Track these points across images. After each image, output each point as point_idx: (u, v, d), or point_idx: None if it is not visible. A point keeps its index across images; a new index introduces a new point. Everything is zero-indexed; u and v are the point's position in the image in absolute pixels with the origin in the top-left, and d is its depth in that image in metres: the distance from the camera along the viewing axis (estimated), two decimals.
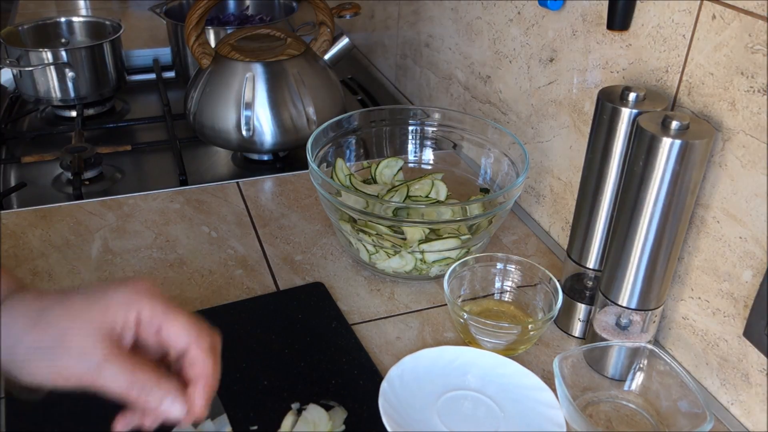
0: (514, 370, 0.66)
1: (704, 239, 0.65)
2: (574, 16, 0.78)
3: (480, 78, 1.02)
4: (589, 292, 0.72)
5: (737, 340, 0.62)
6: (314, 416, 0.60)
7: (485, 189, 0.91)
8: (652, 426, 0.63)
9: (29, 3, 1.85)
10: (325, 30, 1.12)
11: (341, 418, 0.60)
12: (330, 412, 0.60)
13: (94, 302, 0.46)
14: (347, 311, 0.76)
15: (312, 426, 0.59)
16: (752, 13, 0.56)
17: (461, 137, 0.93)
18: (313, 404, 0.61)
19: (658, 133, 0.57)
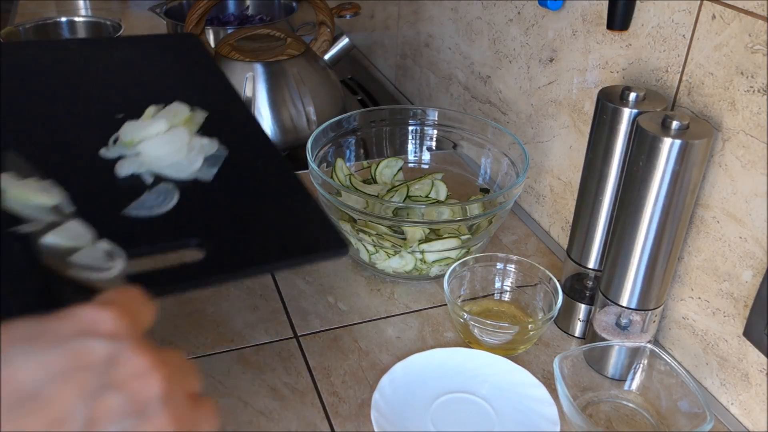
0: (506, 369, 0.66)
1: (704, 239, 0.65)
2: (574, 16, 0.78)
3: (480, 78, 1.02)
4: (589, 292, 0.72)
5: (737, 340, 0.62)
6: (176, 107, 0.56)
7: (485, 189, 0.91)
8: (652, 426, 0.63)
9: (29, 3, 1.84)
10: (325, 30, 1.12)
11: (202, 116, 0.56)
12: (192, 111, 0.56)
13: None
14: (347, 311, 0.76)
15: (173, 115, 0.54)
16: (752, 13, 0.56)
17: (461, 137, 0.93)
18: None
19: (658, 133, 0.57)
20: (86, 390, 0.28)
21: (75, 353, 0.28)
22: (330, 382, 0.67)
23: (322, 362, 0.69)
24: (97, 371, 0.29)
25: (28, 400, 0.27)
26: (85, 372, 0.28)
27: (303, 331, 0.73)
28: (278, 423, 0.63)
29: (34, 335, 0.29)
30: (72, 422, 0.28)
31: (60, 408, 0.27)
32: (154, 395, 0.30)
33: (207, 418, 0.34)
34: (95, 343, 0.29)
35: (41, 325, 0.29)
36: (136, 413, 0.29)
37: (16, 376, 0.27)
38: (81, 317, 0.30)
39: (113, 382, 0.29)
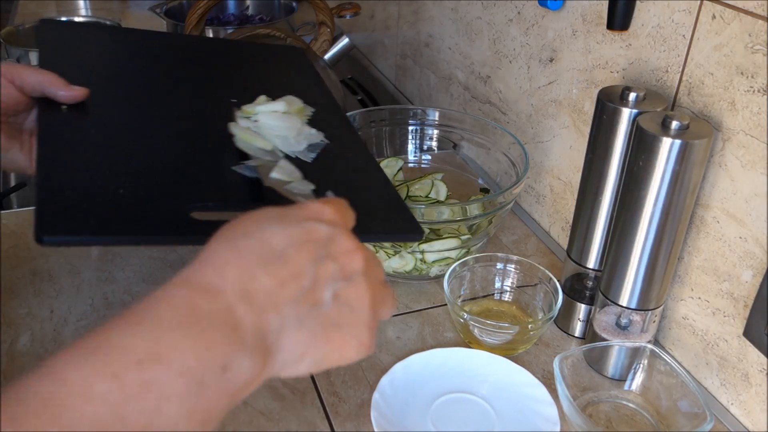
0: (505, 368, 0.66)
1: (704, 239, 0.65)
2: (574, 16, 0.78)
3: (480, 78, 1.02)
4: (589, 292, 0.72)
5: (737, 340, 0.62)
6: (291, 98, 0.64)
7: (485, 189, 0.91)
8: (652, 426, 0.63)
9: (29, 3, 1.85)
10: (325, 30, 1.12)
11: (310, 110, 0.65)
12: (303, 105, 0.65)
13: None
14: None
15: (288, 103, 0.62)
16: (752, 13, 0.56)
17: (461, 137, 0.93)
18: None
19: (658, 133, 0.57)
20: (313, 256, 0.38)
21: (307, 230, 0.39)
22: (330, 382, 0.67)
23: None
24: (321, 245, 0.39)
25: (277, 257, 0.37)
26: (313, 244, 0.39)
27: None
28: (278, 423, 0.63)
29: (281, 216, 0.40)
30: (304, 277, 0.38)
31: (297, 265, 0.38)
32: (358, 268, 0.40)
33: (391, 300, 0.43)
34: (320, 225, 0.40)
35: (285, 211, 0.40)
36: (345, 278, 0.39)
37: (270, 240, 0.38)
38: (311, 208, 0.41)
39: (331, 255, 0.39)
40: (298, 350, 0.38)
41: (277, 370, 0.38)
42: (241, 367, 0.34)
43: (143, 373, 0.30)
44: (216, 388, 0.33)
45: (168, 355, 0.31)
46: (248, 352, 0.35)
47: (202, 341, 0.33)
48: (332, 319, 0.39)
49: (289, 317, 0.37)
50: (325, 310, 0.38)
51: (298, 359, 0.38)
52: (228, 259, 0.36)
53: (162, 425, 0.31)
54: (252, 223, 0.39)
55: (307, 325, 0.38)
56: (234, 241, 0.38)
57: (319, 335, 0.38)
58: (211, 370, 0.33)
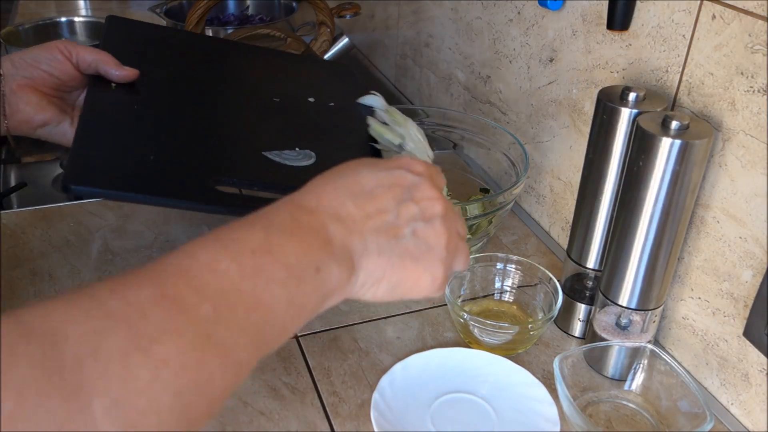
0: (505, 368, 0.66)
1: (704, 239, 0.65)
2: (574, 16, 0.78)
3: (480, 78, 1.02)
4: (589, 292, 0.72)
5: (737, 340, 0.62)
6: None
7: (485, 189, 0.91)
8: (652, 426, 0.63)
9: (29, 3, 1.84)
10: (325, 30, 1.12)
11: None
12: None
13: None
14: (347, 311, 0.76)
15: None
16: (752, 13, 0.56)
17: (461, 137, 0.93)
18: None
19: (658, 133, 0.57)
20: (398, 197, 0.45)
21: (396, 176, 0.46)
22: (330, 382, 0.67)
23: (322, 362, 0.69)
24: (406, 189, 0.46)
25: (367, 194, 0.44)
26: (399, 187, 0.45)
27: (303, 331, 0.73)
28: (278, 423, 0.63)
29: (375, 163, 0.47)
30: (388, 213, 0.44)
31: (383, 202, 0.44)
32: (437, 213, 0.46)
33: (465, 255, 0.49)
34: (408, 174, 0.46)
35: (379, 160, 0.48)
36: (425, 219, 0.45)
37: (362, 180, 0.45)
38: (403, 160, 0.48)
39: (414, 198, 0.45)
40: (376, 273, 0.43)
41: (359, 288, 0.44)
42: (332, 272, 0.41)
43: (255, 260, 0.37)
44: (311, 284, 0.40)
45: (275, 250, 0.38)
46: (337, 261, 0.41)
47: (301, 245, 0.40)
48: (410, 251, 0.44)
49: (371, 243, 0.43)
50: (404, 242, 0.44)
51: (376, 282, 0.44)
52: (325, 189, 0.44)
53: (268, 302, 0.37)
54: (350, 168, 0.46)
55: (387, 253, 0.43)
56: (331, 178, 0.45)
57: (397, 263, 0.44)
58: (307, 268, 0.39)
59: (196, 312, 0.34)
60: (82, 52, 0.65)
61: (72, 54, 0.65)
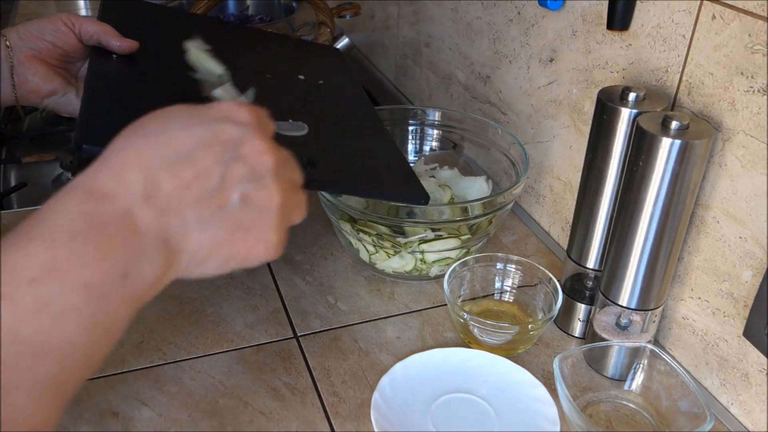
0: (505, 368, 0.66)
1: (704, 239, 0.65)
2: (574, 16, 0.78)
3: (480, 78, 1.02)
4: (589, 292, 0.72)
5: (737, 340, 0.62)
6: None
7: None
8: (652, 426, 0.63)
9: (29, 3, 1.84)
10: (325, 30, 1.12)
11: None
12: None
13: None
14: (347, 311, 0.76)
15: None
16: (752, 13, 0.56)
17: (461, 137, 0.93)
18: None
19: (658, 133, 0.57)
20: (222, 158, 0.37)
21: (216, 131, 0.38)
22: (330, 382, 0.67)
23: (322, 362, 0.69)
24: (230, 146, 0.38)
25: (184, 157, 0.36)
26: (222, 145, 0.38)
27: (303, 331, 0.73)
28: (278, 423, 0.63)
29: (189, 115, 0.39)
30: (211, 178, 0.37)
31: (204, 166, 0.37)
32: (268, 170, 0.39)
33: (300, 207, 0.43)
34: (230, 126, 0.38)
35: (194, 110, 0.39)
36: (254, 179, 0.38)
37: (175, 141, 0.37)
38: (223, 107, 0.40)
39: (240, 156, 0.38)
40: (202, 251, 0.37)
41: (182, 270, 0.38)
42: (143, 272, 0.34)
43: (37, 291, 0.30)
44: (117, 296, 0.33)
45: (63, 269, 0.31)
46: (149, 255, 0.35)
47: (99, 250, 0.32)
48: (239, 221, 0.38)
49: (191, 219, 0.36)
50: (231, 212, 0.38)
51: (203, 260, 0.38)
52: (127, 161, 0.36)
53: (62, 340, 0.30)
54: (157, 123, 0.38)
55: (212, 227, 0.37)
56: (136, 142, 0.37)
57: (225, 238, 0.38)
58: (110, 279, 0.32)
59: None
60: (85, 23, 0.67)
61: (75, 25, 0.67)
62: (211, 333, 0.72)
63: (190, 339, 0.71)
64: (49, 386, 0.30)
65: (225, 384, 0.66)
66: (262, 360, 0.69)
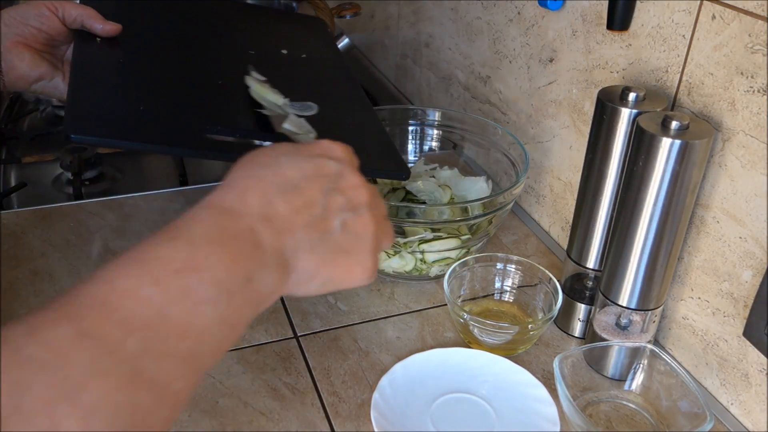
0: (506, 369, 0.66)
1: (704, 239, 0.65)
2: (574, 16, 0.78)
3: (480, 78, 1.02)
4: (589, 292, 0.72)
5: (737, 340, 0.62)
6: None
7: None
8: (652, 426, 0.63)
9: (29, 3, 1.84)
10: None
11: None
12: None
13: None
14: (347, 311, 0.76)
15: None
16: (752, 13, 0.56)
17: (461, 137, 0.93)
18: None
19: (658, 133, 0.57)
20: (324, 189, 0.43)
21: (319, 165, 0.44)
22: (330, 382, 0.67)
23: (322, 362, 0.69)
24: (331, 179, 0.44)
25: (292, 187, 0.42)
26: (323, 177, 0.43)
27: (303, 331, 0.73)
28: (278, 423, 0.63)
29: (295, 151, 0.44)
30: (316, 207, 0.42)
31: (310, 195, 0.42)
32: (363, 202, 0.44)
33: (390, 234, 0.48)
34: (330, 162, 0.44)
35: (299, 147, 0.45)
36: (352, 210, 0.44)
37: (286, 172, 0.42)
38: (322, 145, 0.46)
39: (339, 188, 0.44)
40: (309, 270, 0.42)
41: (292, 286, 0.42)
42: (263, 280, 0.39)
43: (181, 280, 0.35)
44: (242, 297, 0.37)
45: (202, 266, 0.36)
46: (268, 267, 0.39)
47: (229, 255, 0.37)
48: (340, 245, 0.43)
49: (302, 240, 0.41)
50: (334, 236, 0.43)
51: (310, 279, 0.42)
52: (248, 186, 0.41)
53: (199, 326, 0.35)
54: (269, 156, 0.43)
55: (318, 250, 0.42)
56: (253, 171, 0.42)
57: (328, 259, 0.42)
58: (237, 280, 0.37)
59: (121, 348, 0.31)
60: (68, 6, 0.68)
61: (58, 9, 0.68)
62: None
63: None
64: (191, 359, 0.34)
65: (225, 384, 0.66)
66: (262, 360, 0.69)
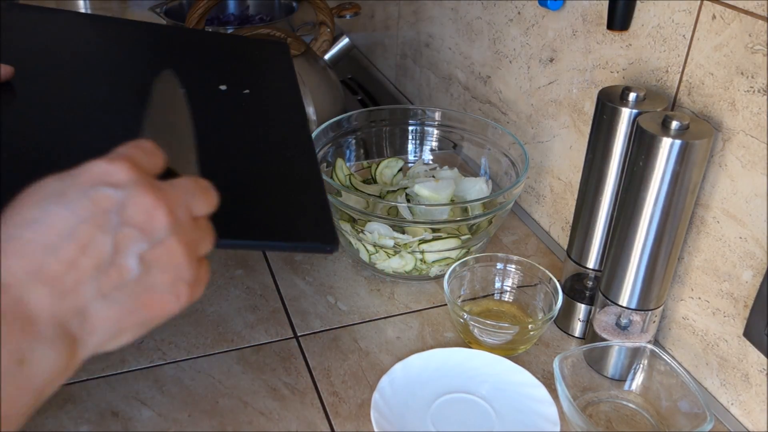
0: (506, 369, 0.66)
1: (704, 239, 0.65)
2: (574, 16, 0.78)
3: (480, 78, 1.02)
4: (589, 292, 0.72)
5: (737, 340, 0.62)
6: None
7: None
8: (652, 426, 0.63)
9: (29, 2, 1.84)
10: (325, 30, 1.12)
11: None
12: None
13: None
14: (347, 311, 0.76)
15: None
16: (752, 13, 0.56)
17: (461, 137, 0.93)
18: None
19: (658, 133, 0.57)
20: (107, 226, 0.36)
21: (93, 200, 0.36)
22: (330, 382, 0.67)
23: (322, 362, 0.69)
24: (113, 213, 0.36)
25: (65, 239, 0.35)
26: (102, 215, 0.36)
27: (303, 331, 0.73)
28: (278, 423, 0.63)
29: (62, 189, 0.36)
30: (103, 250, 0.35)
31: (88, 240, 0.35)
32: (161, 225, 0.37)
33: (207, 235, 0.41)
34: (107, 190, 0.36)
35: (66, 181, 0.36)
36: (148, 239, 0.36)
37: (54, 224, 0.35)
38: (94, 171, 0.37)
39: (126, 220, 0.36)
40: (112, 327, 0.36)
41: (94, 350, 0.37)
42: (42, 360, 0.33)
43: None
44: (13, 384, 0.32)
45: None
46: (46, 343, 0.34)
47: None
48: (143, 285, 0.37)
49: (91, 298, 0.35)
50: (134, 278, 0.36)
51: (117, 334, 0.37)
52: (11, 251, 0.34)
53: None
54: (33, 207, 0.36)
55: (117, 299, 0.36)
56: (14, 233, 0.35)
57: (133, 305, 0.37)
58: (6, 365, 0.32)
59: None
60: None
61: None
62: (211, 333, 0.72)
63: (190, 339, 0.71)
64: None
65: (225, 384, 0.66)
66: (262, 360, 0.69)
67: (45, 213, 0.35)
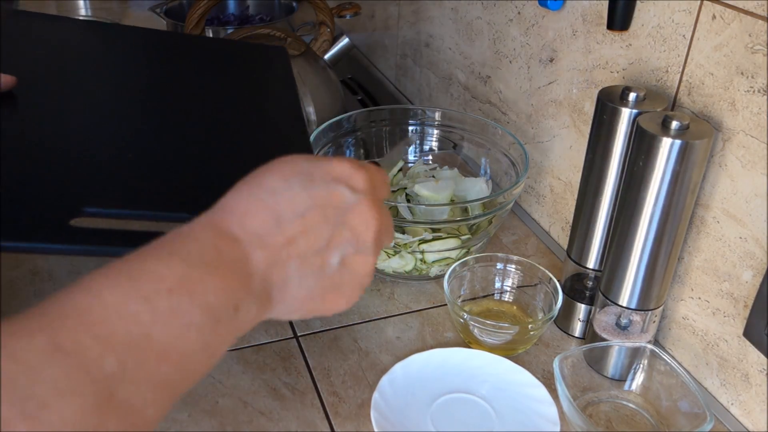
0: (506, 369, 0.66)
1: (704, 239, 0.65)
2: (574, 16, 0.78)
3: (480, 78, 1.02)
4: (589, 292, 0.72)
5: (737, 340, 0.62)
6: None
7: None
8: (652, 426, 0.63)
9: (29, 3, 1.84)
10: (325, 30, 1.12)
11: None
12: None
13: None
14: (347, 311, 0.76)
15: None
16: (752, 13, 0.56)
17: (461, 137, 0.93)
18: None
19: (658, 133, 0.57)
20: (331, 221, 0.39)
21: (331, 193, 0.40)
22: (330, 382, 0.67)
23: (322, 362, 0.69)
24: (341, 211, 0.40)
25: (296, 216, 0.38)
26: (334, 209, 0.40)
27: (303, 331, 0.73)
28: (278, 423, 0.63)
29: (309, 173, 0.40)
30: (320, 238, 0.39)
31: (313, 227, 0.39)
32: (370, 239, 0.41)
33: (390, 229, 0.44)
34: (346, 190, 0.40)
35: (315, 166, 0.40)
36: (355, 246, 0.41)
37: (293, 199, 0.39)
38: (342, 169, 0.41)
39: (348, 223, 0.40)
40: (293, 305, 0.40)
41: (272, 315, 0.40)
42: (249, 310, 0.37)
43: (172, 301, 0.33)
44: (227, 326, 0.36)
45: (195, 288, 0.34)
46: (255, 298, 0.37)
47: (222, 282, 0.35)
48: (333, 281, 0.41)
49: (292, 276, 0.39)
50: (328, 272, 0.40)
51: (291, 312, 0.41)
52: (249, 210, 0.38)
53: (181, 350, 0.33)
54: (280, 179, 0.39)
55: (308, 284, 0.40)
56: (259, 193, 0.39)
57: (317, 294, 0.40)
58: (226, 308, 0.35)
59: (97, 367, 0.29)
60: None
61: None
62: None
63: None
64: (166, 385, 0.32)
65: (225, 384, 0.66)
66: (262, 360, 0.69)
67: (289, 187, 0.39)
